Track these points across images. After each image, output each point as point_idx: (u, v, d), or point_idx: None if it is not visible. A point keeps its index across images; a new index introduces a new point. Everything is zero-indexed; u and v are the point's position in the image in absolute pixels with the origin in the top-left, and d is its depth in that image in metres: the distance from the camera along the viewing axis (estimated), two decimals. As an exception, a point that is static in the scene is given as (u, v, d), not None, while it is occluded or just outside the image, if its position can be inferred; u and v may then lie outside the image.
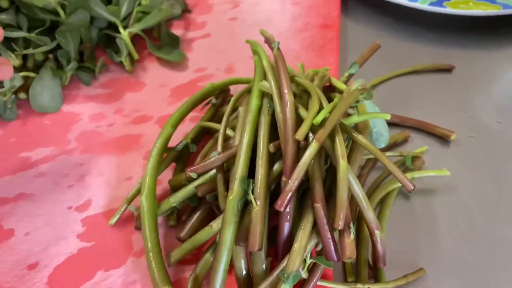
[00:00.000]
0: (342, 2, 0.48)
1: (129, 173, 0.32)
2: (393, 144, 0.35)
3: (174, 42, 0.41)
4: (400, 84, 0.40)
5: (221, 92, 0.35)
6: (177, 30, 0.43)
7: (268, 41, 0.30)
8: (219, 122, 0.34)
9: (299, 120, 0.25)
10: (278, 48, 0.28)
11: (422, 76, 0.40)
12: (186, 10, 0.45)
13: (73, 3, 0.37)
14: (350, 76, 0.34)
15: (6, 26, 0.36)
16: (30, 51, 0.36)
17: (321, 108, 0.26)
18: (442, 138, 0.35)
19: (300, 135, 0.23)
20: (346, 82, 0.34)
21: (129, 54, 0.39)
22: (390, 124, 0.35)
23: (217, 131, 0.32)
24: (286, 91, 0.26)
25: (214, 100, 0.34)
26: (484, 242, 0.28)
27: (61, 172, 0.32)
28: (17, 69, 0.36)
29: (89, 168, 0.32)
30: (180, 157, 0.32)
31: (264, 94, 0.28)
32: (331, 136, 0.25)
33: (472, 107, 0.37)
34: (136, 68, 0.39)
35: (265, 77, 0.29)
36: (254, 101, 0.27)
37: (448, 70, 0.41)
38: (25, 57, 0.37)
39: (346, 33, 0.44)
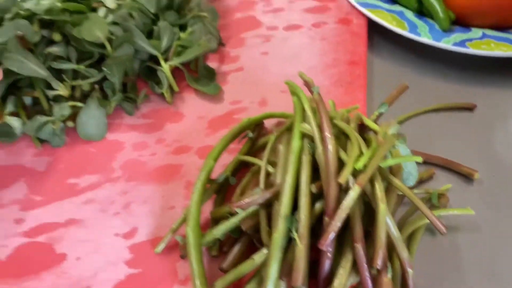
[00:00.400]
0: (368, 38, 0.50)
1: (172, 202, 0.34)
2: (419, 181, 0.37)
3: (211, 75, 0.44)
4: (423, 122, 0.42)
5: (257, 126, 0.38)
6: (212, 63, 0.45)
7: (308, 85, 0.32)
8: (255, 155, 0.36)
9: (339, 162, 0.27)
10: (318, 93, 0.30)
11: (444, 114, 0.42)
12: (220, 43, 0.47)
13: (119, 38, 0.39)
14: (380, 115, 0.36)
15: (57, 58, 0.38)
16: (78, 82, 0.38)
17: (360, 152, 0.28)
18: (466, 176, 0.37)
19: (343, 179, 0.25)
20: (375, 121, 0.36)
21: (170, 86, 0.42)
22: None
23: (254, 164, 0.35)
24: (328, 135, 0.28)
25: (251, 134, 0.36)
26: (509, 282, 0.30)
27: (108, 200, 0.34)
28: (65, 99, 0.38)
29: (133, 196, 0.35)
30: (220, 189, 0.34)
31: (305, 134, 0.30)
32: (371, 180, 0.27)
33: (494, 145, 0.39)
34: (176, 99, 0.42)
35: (305, 118, 0.31)
36: (296, 142, 0.29)
37: (470, 108, 0.43)
38: (73, 87, 0.39)
39: (371, 68, 0.47)
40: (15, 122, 0.37)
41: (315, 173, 0.29)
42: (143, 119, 0.40)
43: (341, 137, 0.30)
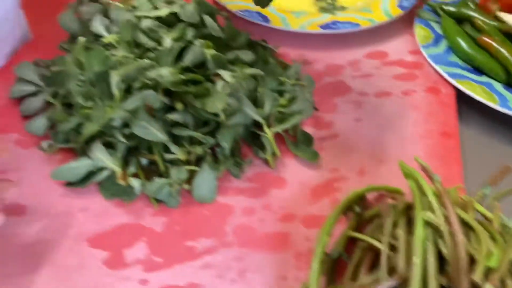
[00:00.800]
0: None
1: (283, 272, 0.36)
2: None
3: (308, 141, 0.46)
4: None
5: (360, 199, 0.39)
6: (308, 128, 0.48)
7: (426, 171, 0.33)
8: (360, 229, 0.38)
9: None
10: (441, 183, 0.32)
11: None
12: (314, 108, 0.49)
13: (233, 107, 0.42)
14: (483, 196, 0.37)
15: (176, 125, 0.41)
16: (196, 148, 0.41)
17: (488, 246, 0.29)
18: None
19: (477, 277, 0.27)
20: (479, 202, 0.37)
21: (272, 152, 0.44)
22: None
23: (362, 240, 0.36)
24: (457, 229, 0.29)
25: (357, 209, 0.38)
26: None
27: (224, 265, 0.36)
28: (181, 162, 0.41)
29: (248, 263, 0.37)
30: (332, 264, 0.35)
31: (427, 222, 0.31)
32: (501, 278, 0.28)
33: None
34: (277, 163, 0.44)
35: (425, 203, 0.32)
36: (420, 232, 0.31)
37: None
38: (188, 152, 0.42)
39: (461, 139, 0.48)
40: (135, 183, 0.40)
41: (439, 263, 0.30)
42: (249, 183, 0.43)
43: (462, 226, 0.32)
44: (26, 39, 0.58)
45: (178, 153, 0.41)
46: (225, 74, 0.43)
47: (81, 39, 0.45)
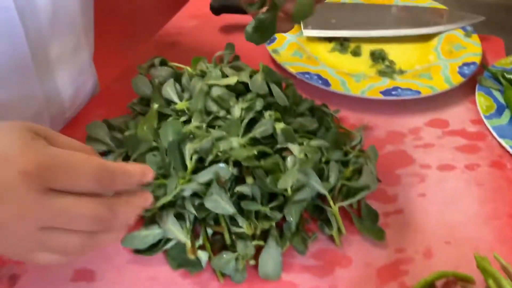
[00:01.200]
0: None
1: None
2: None
3: (373, 216, 0.45)
4: None
5: (430, 286, 0.38)
6: (371, 201, 0.47)
7: (508, 272, 0.33)
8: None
9: None
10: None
11: None
12: (377, 180, 0.49)
13: (299, 181, 0.42)
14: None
15: (243, 198, 0.42)
16: (263, 223, 0.41)
17: None
18: None
19: None
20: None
21: (338, 228, 0.44)
22: None
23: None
24: None
25: (429, 299, 0.37)
26: None
27: None
28: (247, 235, 0.41)
29: None
30: None
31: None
32: None
33: None
34: (342, 239, 0.44)
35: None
36: None
37: None
38: (253, 226, 0.42)
39: (529, 220, 0.46)
40: (203, 255, 0.41)
41: None
42: (314, 260, 0.42)
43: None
44: (95, 93, 0.60)
45: (245, 227, 0.41)
46: (294, 148, 0.43)
47: (155, 106, 0.46)
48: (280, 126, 0.44)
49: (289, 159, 0.43)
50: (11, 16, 0.42)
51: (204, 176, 0.41)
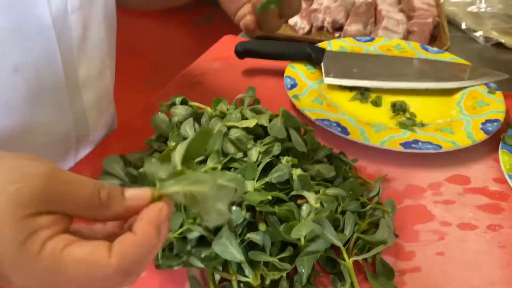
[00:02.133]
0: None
1: None
2: None
3: (388, 273, 0.43)
4: None
5: None
6: (387, 257, 0.45)
7: None
8: None
9: None
10: None
11: None
12: (394, 235, 0.47)
13: (313, 231, 0.41)
14: None
15: (253, 245, 0.41)
16: (272, 274, 0.40)
17: None
18: None
19: None
20: None
21: (351, 283, 0.42)
22: None
23: None
24: None
25: None
26: None
27: None
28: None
29: None
30: None
31: None
32: None
33: None
34: (354, 296, 0.42)
35: None
36: None
37: None
38: (262, 276, 0.40)
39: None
40: (209, 302, 0.39)
41: None
42: (324, 316, 0.40)
43: None
44: (113, 128, 0.61)
45: (251, 278, 0.39)
46: (311, 197, 0.42)
47: (172, 144, 0.46)
48: (297, 172, 0.43)
49: (305, 208, 0.42)
50: (50, 38, 0.43)
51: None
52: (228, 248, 0.39)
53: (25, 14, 0.41)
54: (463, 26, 0.89)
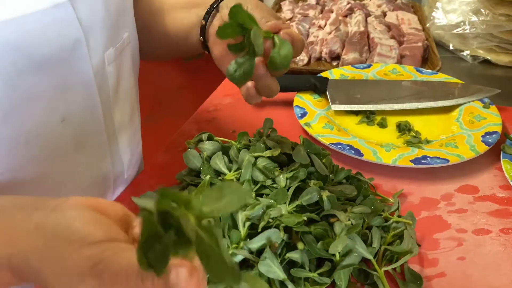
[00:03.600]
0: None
1: None
2: None
3: (417, 280, 0.47)
4: None
5: None
6: (413, 265, 0.49)
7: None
8: None
9: None
10: None
11: None
12: (417, 244, 0.51)
13: (346, 246, 0.44)
14: None
15: (292, 264, 0.44)
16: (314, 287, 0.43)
17: None
18: None
19: None
20: None
21: (385, 292, 0.45)
22: None
23: None
24: None
25: None
26: None
27: None
28: (299, 300, 0.43)
29: None
30: None
31: None
32: None
33: None
34: (389, 304, 0.45)
35: None
36: None
37: None
38: (306, 289, 0.44)
39: None
40: (257, 320, 0.42)
41: None
42: (364, 324, 0.43)
43: None
44: (140, 169, 0.65)
45: (295, 292, 0.43)
46: (341, 215, 0.46)
47: (207, 178, 0.50)
48: (326, 194, 0.47)
49: (337, 225, 0.46)
50: (92, 89, 0.48)
51: (258, 241, 0.43)
52: (272, 268, 0.43)
53: (69, 72, 0.45)
54: (451, 47, 0.96)
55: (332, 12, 1.07)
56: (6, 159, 0.44)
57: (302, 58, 0.94)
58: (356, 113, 0.74)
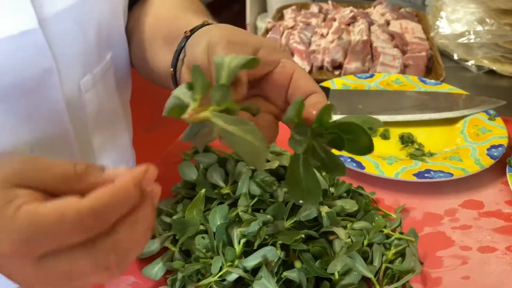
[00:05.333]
0: None
1: None
2: None
3: (419, 301, 0.45)
4: None
5: None
6: (414, 284, 0.47)
7: None
8: None
9: None
10: None
11: None
12: (420, 262, 0.49)
13: (343, 267, 0.43)
14: None
15: (289, 283, 0.42)
16: (312, 308, 0.41)
17: None
18: None
19: None
20: None
21: (386, 313, 0.43)
22: None
23: None
24: None
25: None
26: None
27: None
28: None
29: None
30: None
31: None
32: None
33: None
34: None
35: None
36: None
37: None
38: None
39: None
40: None
41: None
42: None
43: None
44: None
45: (294, 313, 0.41)
46: (341, 232, 0.44)
47: (202, 191, 0.48)
48: (325, 210, 0.46)
49: (336, 243, 0.44)
50: (63, 119, 0.45)
51: (254, 259, 0.42)
52: (268, 286, 0.41)
53: (38, 99, 0.42)
54: (455, 56, 0.94)
55: (334, 20, 1.06)
56: None
57: (304, 67, 0.93)
58: (358, 124, 0.72)
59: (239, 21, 1.88)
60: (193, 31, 0.43)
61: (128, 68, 0.57)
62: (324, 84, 0.80)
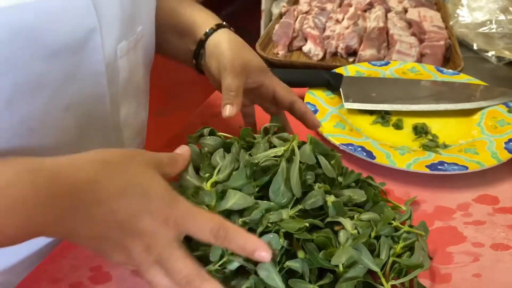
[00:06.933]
0: None
1: None
2: None
3: (427, 297, 0.43)
4: None
5: None
6: (422, 280, 0.45)
7: None
8: None
9: None
10: None
11: None
12: (429, 257, 0.47)
13: (349, 259, 0.41)
14: None
15: (292, 273, 0.41)
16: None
17: None
18: None
19: None
20: None
21: (391, 309, 0.42)
22: None
23: None
24: None
25: None
26: None
27: None
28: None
29: None
30: None
31: None
32: None
33: None
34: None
35: None
36: None
37: None
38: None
39: None
40: (251, 331, 0.39)
41: None
42: None
43: None
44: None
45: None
46: (347, 223, 0.43)
47: (205, 175, 0.47)
48: (331, 199, 0.44)
49: (342, 234, 0.42)
50: (102, 81, 0.46)
51: (255, 247, 0.40)
52: (271, 274, 0.39)
53: (81, 61, 0.44)
54: (475, 46, 0.91)
55: (351, 6, 1.02)
56: (9, 145, 0.42)
57: (317, 53, 0.90)
58: (370, 112, 0.70)
59: (255, 7, 1.85)
60: (207, 34, 0.56)
61: (152, 47, 0.58)
62: (337, 70, 0.77)
